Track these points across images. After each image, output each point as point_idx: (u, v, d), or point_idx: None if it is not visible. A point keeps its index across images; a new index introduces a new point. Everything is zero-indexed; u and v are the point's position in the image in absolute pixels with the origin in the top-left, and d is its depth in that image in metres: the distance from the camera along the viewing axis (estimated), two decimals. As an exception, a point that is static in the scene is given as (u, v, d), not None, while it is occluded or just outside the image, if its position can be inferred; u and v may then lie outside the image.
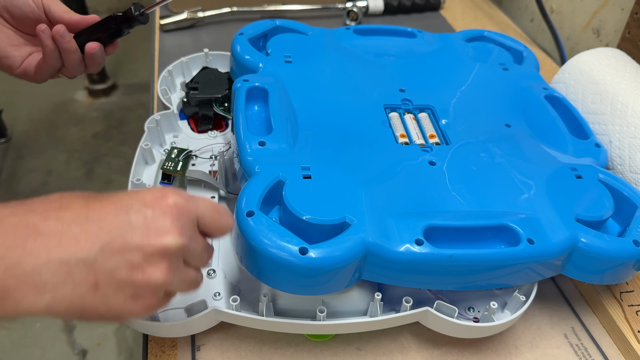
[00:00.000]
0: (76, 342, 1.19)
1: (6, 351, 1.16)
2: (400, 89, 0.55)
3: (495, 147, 0.49)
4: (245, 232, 0.37)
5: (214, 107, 0.59)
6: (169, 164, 0.52)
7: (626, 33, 0.72)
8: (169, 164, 0.52)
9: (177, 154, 0.54)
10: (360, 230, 0.38)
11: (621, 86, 0.57)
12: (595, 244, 0.41)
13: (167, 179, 0.52)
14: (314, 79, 0.54)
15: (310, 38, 0.61)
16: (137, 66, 2.10)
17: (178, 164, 0.52)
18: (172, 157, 0.53)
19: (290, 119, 0.49)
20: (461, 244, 0.40)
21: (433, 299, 0.44)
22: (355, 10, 0.88)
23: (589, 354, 0.45)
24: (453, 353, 0.44)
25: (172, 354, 0.43)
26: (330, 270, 0.37)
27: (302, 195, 0.39)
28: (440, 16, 0.94)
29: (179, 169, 0.52)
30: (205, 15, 0.84)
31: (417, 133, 0.50)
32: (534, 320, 0.47)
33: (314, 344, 0.44)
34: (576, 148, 0.51)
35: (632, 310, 0.46)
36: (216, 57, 0.69)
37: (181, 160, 0.53)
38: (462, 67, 0.60)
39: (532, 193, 0.44)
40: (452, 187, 0.44)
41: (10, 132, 1.74)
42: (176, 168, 0.52)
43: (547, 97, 0.57)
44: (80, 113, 1.85)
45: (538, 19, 0.96)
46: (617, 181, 0.47)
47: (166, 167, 0.52)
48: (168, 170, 0.52)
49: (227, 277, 0.46)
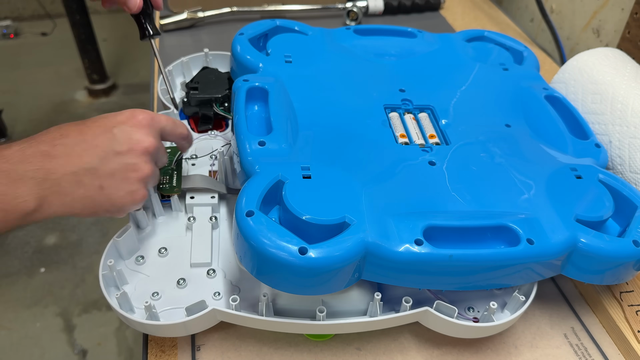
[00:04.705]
0: (76, 342, 1.19)
1: (6, 351, 1.16)
2: (400, 89, 0.55)
3: (495, 147, 0.49)
4: (245, 232, 0.37)
5: (214, 107, 0.59)
6: (164, 179, 0.50)
7: (626, 33, 0.72)
8: (164, 180, 0.50)
9: (169, 161, 0.51)
10: (360, 230, 0.38)
11: (621, 86, 0.57)
12: (595, 244, 0.41)
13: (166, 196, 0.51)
14: (314, 79, 0.54)
15: (310, 38, 0.61)
16: (137, 66, 2.10)
17: (172, 177, 0.51)
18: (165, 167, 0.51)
19: (290, 119, 0.49)
20: (461, 244, 0.40)
21: (433, 299, 0.44)
22: (355, 10, 0.88)
23: (589, 354, 0.45)
24: (453, 353, 0.44)
25: (172, 354, 0.43)
26: (330, 270, 0.37)
27: (301, 195, 0.39)
28: (440, 16, 0.94)
29: (174, 185, 0.50)
30: (205, 15, 0.84)
31: (417, 133, 0.50)
32: (534, 320, 0.47)
33: (314, 344, 0.44)
34: (576, 148, 0.51)
35: (632, 310, 0.46)
36: (216, 57, 0.69)
37: (175, 169, 0.51)
38: (462, 67, 0.60)
39: (532, 193, 0.44)
40: (452, 187, 0.44)
41: (10, 132, 1.74)
42: (172, 184, 0.50)
43: (547, 97, 0.57)
44: (80, 113, 1.86)
45: (538, 19, 0.96)
46: (617, 181, 0.47)
47: (163, 188, 0.50)
48: (164, 190, 0.50)
49: (227, 276, 0.46)
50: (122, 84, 2.01)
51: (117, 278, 0.43)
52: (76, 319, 1.23)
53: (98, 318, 1.24)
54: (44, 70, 1.93)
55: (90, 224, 1.45)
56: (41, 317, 1.23)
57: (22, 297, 1.27)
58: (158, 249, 0.48)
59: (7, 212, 0.36)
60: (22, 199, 0.37)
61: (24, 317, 1.23)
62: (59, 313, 1.24)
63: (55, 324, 1.22)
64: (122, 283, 0.44)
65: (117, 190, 0.40)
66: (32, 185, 0.37)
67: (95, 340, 1.19)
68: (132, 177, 0.41)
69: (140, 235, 0.48)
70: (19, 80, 1.96)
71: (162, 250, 0.47)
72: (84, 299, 1.27)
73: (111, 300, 0.41)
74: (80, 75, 1.95)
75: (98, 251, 1.37)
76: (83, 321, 1.23)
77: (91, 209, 0.40)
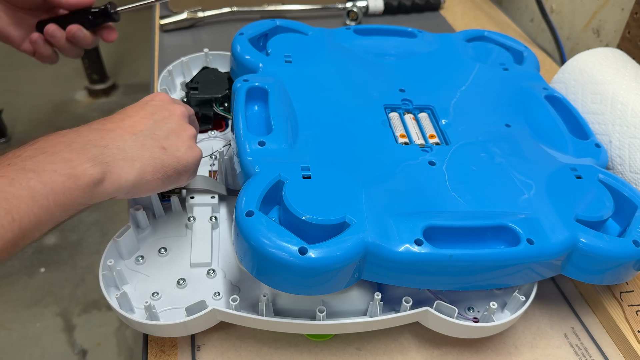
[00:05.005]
0: (76, 342, 1.19)
1: (6, 351, 1.16)
2: (400, 89, 0.55)
3: (495, 147, 0.49)
4: (245, 232, 0.37)
5: (214, 107, 0.59)
6: None
7: (626, 33, 0.72)
8: None
9: None
10: (360, 230, 0.38)
11: (621, 86, 0.57)
12: (595, 244, 0.41)
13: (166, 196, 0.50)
14: (314, 79, 0.54)
15: (310, 38, 0.61)
16: (137, 66, 2.10)
17: None
18: None
19: (290, 119, 0.49)
20: (461, 244, 0.40)
21: (433, 299, 0.44)
22: (355, 10, 0.88)
23: (589, 354, 0.45)
24: (453, 353, 0.44)
25: (172, 354, 0.43)
26: (330, 270, 0.37)
27: (301, 195, 0.39)
28: (440, 16, 0.94)
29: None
30: (205, 15, 0.84)
31: (417, 133, 0.50)
32: (534, 320, 0.47)
33: (314, 344, 0.44)
34: (576, 148, 0.51)
35: (632, 310, 0.46)
36: (216, 57, 0.69)
37: None
38: (462, 67, 0.60)
39: (532, 193, 0.44)
40: (452, 187, 0.44)
41: (10, 132, 1.74)
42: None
43: (547, 97, 0.57)
44: (80, 113, 1.85)
45: (538, 19, 0.96)
46: (617, 181, 0.47)
47: None
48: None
49: (226, 276, 0.46)
50: (122, 84, 2.01)
51: (117, 278, 0.43)
52: (76, 319, 1.23)
53: (98, 318, 1.24)
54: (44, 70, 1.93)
55: (90, 224, 1.45)
56: (41, 317, 1.23)
57: (22, 297, 1.27)
58: (158, 249, 0.48)
59: (78, 178, 0.34)
60: (89, 164, 0.35)
61: (24, 317, 1.23)
62: (59, 313, 1.24)
63: (55, 324, 1.22)
64: (122, 283, 0.44)
65: (177, 149, 0.42)
66: (97, 154, 0.36)
67: (95, 340, 1.19)
68: (184, 135, 0.43)
69: (140, 235, 0.48)
70: (19, 80, 1.96)
71: (162, 250, 0.47)
72: (84, 299, 1.27)
73: (111, 300, 0.41)
74: (80, 75, 1.95)
75: (98, 251, 1.37)
76: (83, 321, 1.23)
77: (162, 171, 0.40)
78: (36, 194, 0.32)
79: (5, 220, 0.31)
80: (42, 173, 0.33)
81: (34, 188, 0.32)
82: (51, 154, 0.34)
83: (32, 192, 0.32)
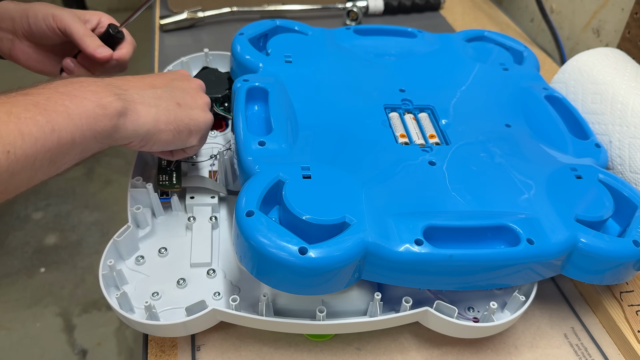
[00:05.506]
0: (76, 342, 1.19)
1: (6, 351, 1.16)
2: (400, 89, 0.55)
3: (495, 147, 0.49)
4: (245, 232, 0.37)
5: (214, 107, 0.59)
6: (163, 177, 0.50)
7: (626, 33, 0.72)
8: (164, 178, 0.50)
9: (168, 163, 0.52)
10: (360, 230, 0.38)
11: (621, 86, 0.57)
12: (595, 244, 0.41)
13: (166, 193, 0.51)
14: (314, 79, 0.54)
15: (310, 38, 0.61)
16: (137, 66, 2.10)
17: (172, 175, 0.51)
18: (163, 165, 0.51)
19: (290, 119, 0.49)
20: (461, 244, 0.40)
21: (433, 299, 0.44)
22: (355, 10, 0.88)
23: (589, 354, 0.45)
24: (453, 353, 0.44)
25: (172, 354, 0.43)
26: (330, 270, 0.37)
27: (301, 195, 0.39)
28: (440, 16, 0.94)
29: (174, 182, 0.50)
30: (205, 15, 0.84)
31: (417, 133, 0.50)
32: (534, 320, 0.47)
33: (314, 344, 0.44)
34: (576, 148, 0.51)
35: (632, 310, 0.46)
36: (216, 57, 0.69)
37: (174, 170, 0.51)
38: (462, 67, 0.60)
39: (532, 193, 0.44)
40: (452, 187, 0.44)
41: (10, 132, 1.73)
42: (172, 181, 0.50)
43: (547, 97, 0.57)
44: (80, 113, 1.85)
45: (538, 19, 0.96)
46: (617, 181, 0.47)
47: (162, 183, 0.50)
48: (164, 186, 0.50)
49: (226, 276, 0.46)
50: (122, 84, 2.01)
51: (117, 278, 0.43)
52: (76, 319, 1.23)
53: (98, 318, 1.24)
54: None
55: (90, 224, 1.45)
56: (41, 317, 1.23)
57: (22, 297, 1.27)
58: (158, 249, 0.48)
59: (105, 107, 0.36)
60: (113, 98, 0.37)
61: (24, 317, 1.23)
62: (59, 313, 1.24)
63: (55, 324, 1.22)
64: (122, 283, 0.44)
65: (191, 108, 0.44)
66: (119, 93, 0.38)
67: (95, 340, 1.19)
68: (199, 100, 0.46)
69: (140, 235, 0.48)
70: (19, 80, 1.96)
71: (162, 250, 0.47)
72: (84, 299, 1.27)
73: (111, 300, 0.41)
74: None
75: (98, 251, 1.37)
76: (83, 321, 1.23)
77: (174, 123, 0.42)
78: (72, 113, 0.34)
79: (47, 128, 0.32)
80: (74, 98, 0.35)
81: (70, 107, 0.34)
82: (80, 86, 0.37)
83: (68, 110, 0.34)
